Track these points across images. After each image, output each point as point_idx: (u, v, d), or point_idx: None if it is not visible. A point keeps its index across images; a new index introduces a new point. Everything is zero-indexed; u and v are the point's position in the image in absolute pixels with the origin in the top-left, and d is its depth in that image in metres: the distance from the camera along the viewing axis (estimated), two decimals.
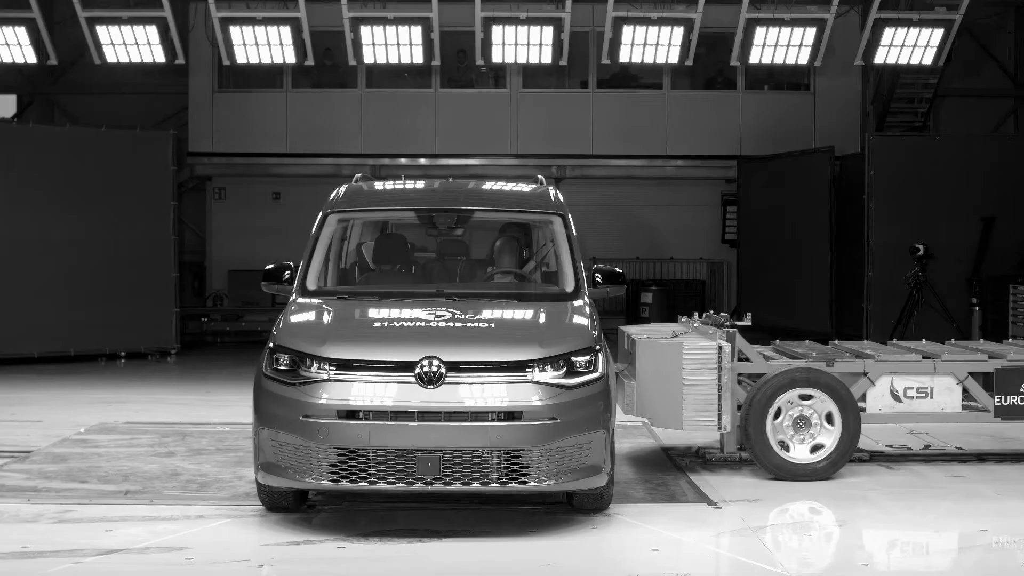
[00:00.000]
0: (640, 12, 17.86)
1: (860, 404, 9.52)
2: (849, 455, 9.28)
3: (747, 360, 9.51)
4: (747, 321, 11.22)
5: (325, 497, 8.21)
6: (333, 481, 7.08)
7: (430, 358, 7.13)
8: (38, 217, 17.70)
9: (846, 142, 22.14)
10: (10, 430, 11.37)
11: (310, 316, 7.82)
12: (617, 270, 8.43)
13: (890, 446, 10.49)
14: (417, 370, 7.11)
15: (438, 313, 7.66)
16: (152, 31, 17.84)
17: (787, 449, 9.19)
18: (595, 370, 7.41)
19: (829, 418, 9.20)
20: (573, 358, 7.34)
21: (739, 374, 9.43)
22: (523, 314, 7.84)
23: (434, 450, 7.03)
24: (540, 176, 9.55)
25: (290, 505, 7.82)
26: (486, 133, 23.64)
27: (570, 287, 8.27)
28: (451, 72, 23.85)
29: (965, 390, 9.63)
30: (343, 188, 8.98)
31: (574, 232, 8.62)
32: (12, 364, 17.08)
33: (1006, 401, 9.55)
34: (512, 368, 7.20)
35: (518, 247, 9.03)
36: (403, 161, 24.11)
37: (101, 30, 17.88)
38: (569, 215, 8.75)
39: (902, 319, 17.62)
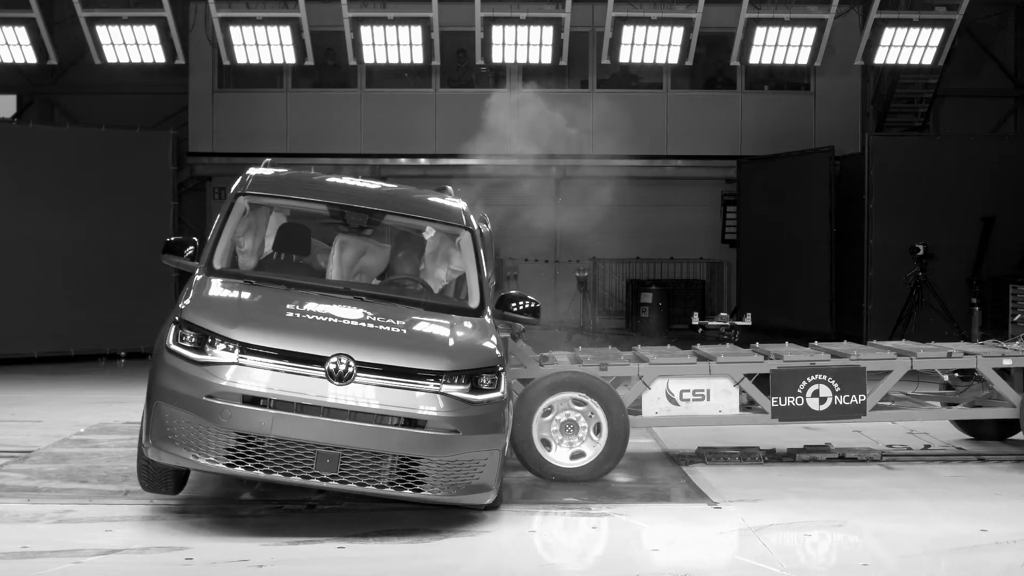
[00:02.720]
0: (640, 12, 17.87)
1: (637, 407, 9.50)
2: (617, 457, 9.19)
3: (522, 365, 9.52)
4: (747, 321, 11.24)
5: (324, 497, 8.21)
6: (229, 465, 7.00)
7: (342, 355, 7.10)
8: (38, 217, 17.70)
9: (846, 142, 22.14)
10: (10, 430, 11.36)
11: (220, 295, 7.72)
12: (527, 305, 8.40)
13: (890, 446, 10.50)
14: (328, 366, 7.07)
15: (350, 311, 7.63)
16: (152, 31, 17.85)
17: (552, 452, 9.13)
18: (497, 389, 7.44)
19: (596, 422, 9.16)
20: (479, 375, 7.35)
21: (521, 379, 9.40)
22: (432, 324, 7.79)
23: (335, 448, 6.99)
24: (448, 187, 9.47)
25: (169, 488, 7.75)
26: (486, 133, 23.61)
27: (475, 303, 8.26)
28: (451, 72, 23.85)
29: (744, 392, 9.61)
30: (253, 171, 8.84)
31: (482, 249, 8.60)
32: (12, 364, 17.08)
33: (783, 402, 9.52)
34: (421, 376, 7.19)
35: (422, 256, 8.96)
36: (403, 161, 24.11)
37: (101, 30, 17.89)
38: (478, 231, 8.72)
39: (902, 319, 17.63)
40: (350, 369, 7.08)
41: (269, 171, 8.98)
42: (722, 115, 23.85)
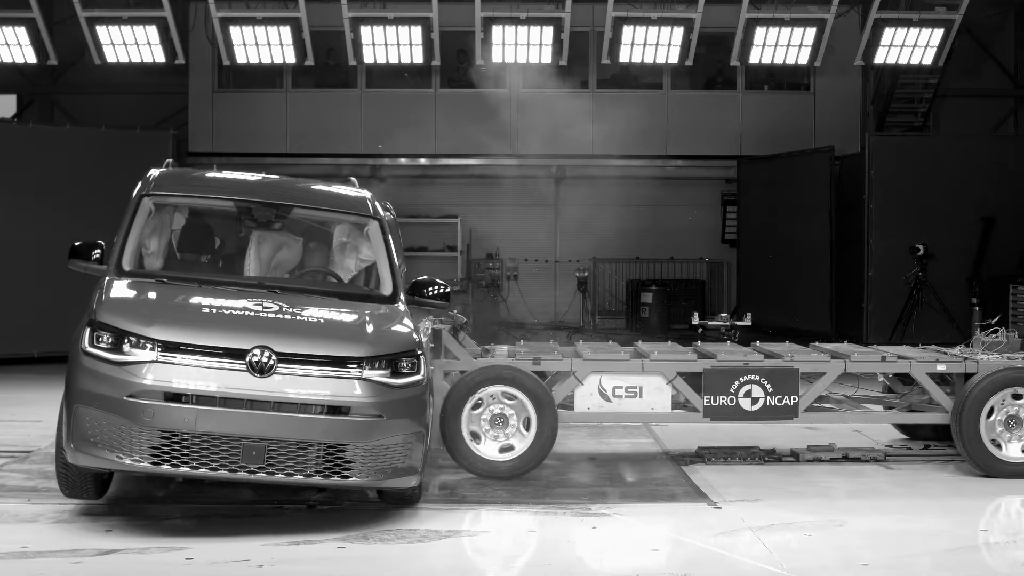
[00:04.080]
0: (640, 12, 17.87)
1: (570, 402, 9.51)
2: (546, 452, 9.22)
3: (455, 358, 9.52)
4: (747, 321, 11.22)
5: (324, 496, 8.22)
6: (154, 464, 7.00)
7: (262, 347, 7.14)
8: (38, 217, 17.67)
9: (846, 142, 22.14)
10: (10, 430, 11.37)
11: (132, 295, 7.73)
12: (438, 290, 8.43)
13: (890, 446, 10.49)
14: (248, 358, 7.11)
15: (265, 304, 7.66)
16: (152, 31, 17.86)
17: (482, 445, 9.16)
18: (418, 372, 7.51)
19: (526, 416, 9.18)
20: (398, 359, 7.43)
21: (464, 371, 9.40)
22: (348, 312, 7.87)
23: (260, 439, 7.04)
24: (352, 179, 9.49)
25: (91, 493, 7.72)
26: (486, 133, 23.64)
27: (388, 290, 8.33)
28: (451, 72, 23.85)
29: (677, 390, 9.62)
30: (156, 172, 8.83)
31: (391, 237, 8.65)
32: (12, 364, 17.08)
33: (715, 401, 9.52)
34: (342, 363, 7.26)
35: (331, 248, 8.95)
36: (403, 161, 24.12)
37: (101, 30, 17.89)
38: (386, 220, 8.76)
39: (902, 319, 17.63)
40: (271, 361, 7.12)
41: (173, 171, 8.98)
42: (722, 115, 23.84)
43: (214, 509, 7.98)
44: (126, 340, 7.14)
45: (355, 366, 7.27)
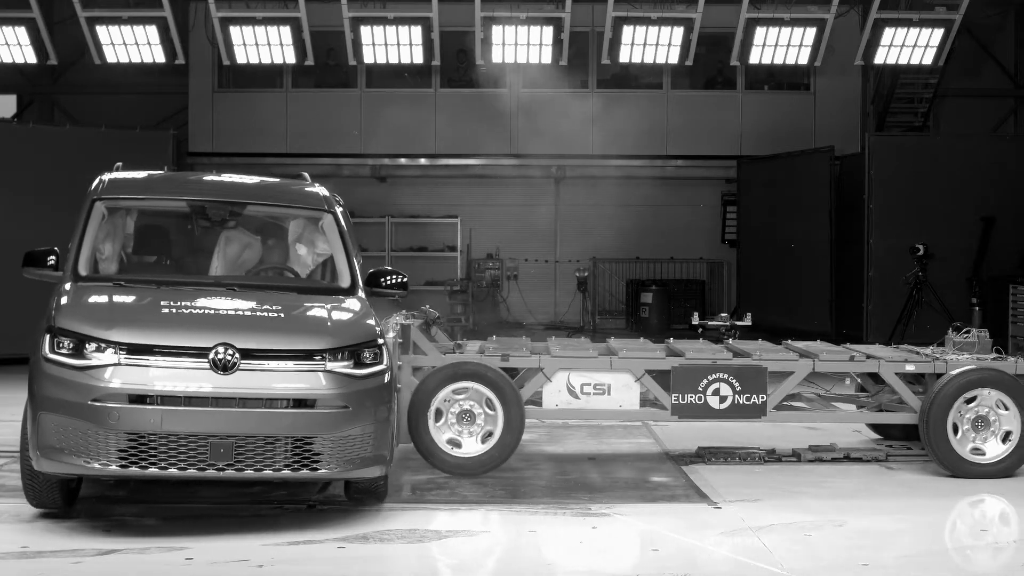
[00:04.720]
0: (640, 12, 17.88)
1: (539, 399, 9.52)
2: (512, 448, 9.24)
3: (423, 354, 9.52)
4: (747, 321, 11.21)
5: (324, 496, 8.22)
6: (122, 467, 7.00)
7: (224, 345, 7.13)
8: (38, 217, 17.62)
9: (846, 142, 22.14)
10: (10, 430, 11.33)
11: (90, 300, 7.73)
12: (395, 279, 8.51)
13: (891, 446, 10.48)
14: (211, 356, 7.11)
15: (225, 302, 7.69)
16: (152, 31, 17.88)
17: (448, 441, 9.18)
18: (380, 362, 7.53)
19: (492, 413, 9.19)
20: (360, 350, 7.44)
21: (433, 367, 9.40)
22: (308, 306, 7.88)
23: (227, 436, 7.05)
24: (305, 174, 9.48)
25: (58, 502, 7.64)
26: (486, 133, 23.65)
27: (346, 283, 8.35)
28: (451, 72, 23.86)
29: (645, 387, 9.61)
30: (107, 176, 8.83)
31: (347, 230, 8.65)
32: (12, 364, 17.04)
33: (683, 399, 9.51)
34: (305, 357, 7.27)
35: (287, 243, 8.96)
36: (403, 161, 24.12)
37: (101, 30, 17.91)
38: (340, 213, 8.76)
39: (902, 319, 17.63)
40: (234, 357, 7.12)
41: (123, 174, 8.95)
42: (722, 115, 23.85)
43: (214, 509, 7.99)
44: (87, 344, 7.14)
45: (318, 358, 7.28)
